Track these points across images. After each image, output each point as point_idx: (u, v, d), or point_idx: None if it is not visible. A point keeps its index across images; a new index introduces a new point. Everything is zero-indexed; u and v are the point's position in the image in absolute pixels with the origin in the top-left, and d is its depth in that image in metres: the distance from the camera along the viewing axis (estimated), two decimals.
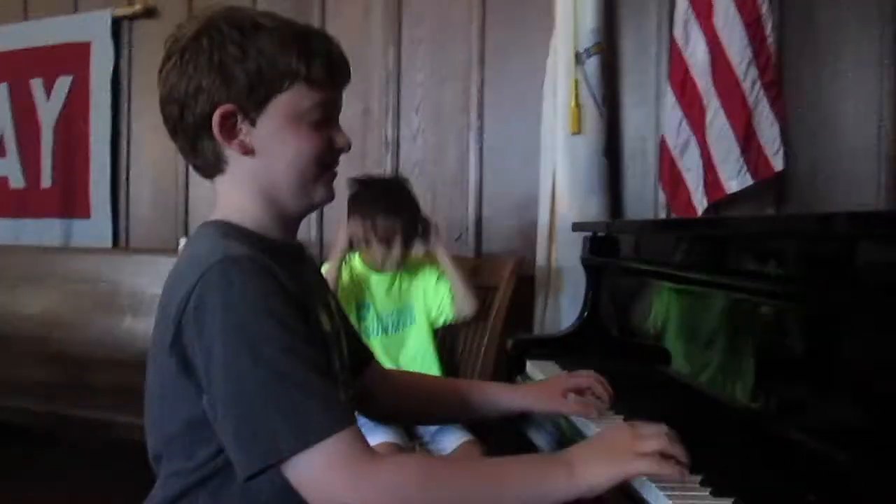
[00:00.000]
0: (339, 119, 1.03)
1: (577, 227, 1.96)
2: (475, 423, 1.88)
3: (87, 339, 2.65)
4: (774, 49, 2.07)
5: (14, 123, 3.28)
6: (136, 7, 3.04)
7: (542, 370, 1.65)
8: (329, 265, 2.00)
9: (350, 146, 1.02)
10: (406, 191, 2.06)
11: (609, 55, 2.34)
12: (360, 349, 1.24)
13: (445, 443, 1.93)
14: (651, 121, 2.36)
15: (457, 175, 2.59)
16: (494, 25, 2.55)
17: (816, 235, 1.06)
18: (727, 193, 2.09)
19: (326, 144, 0.99)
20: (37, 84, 3.22)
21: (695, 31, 2.14)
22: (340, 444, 0.83)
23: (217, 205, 1.01)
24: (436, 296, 2.10)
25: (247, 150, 0.96)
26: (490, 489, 0.88)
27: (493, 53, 2.55)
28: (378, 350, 1.95)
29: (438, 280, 2.10)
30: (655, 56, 2.35)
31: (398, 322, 2.11)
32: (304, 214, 1.05)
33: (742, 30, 2.04)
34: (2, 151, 3.30)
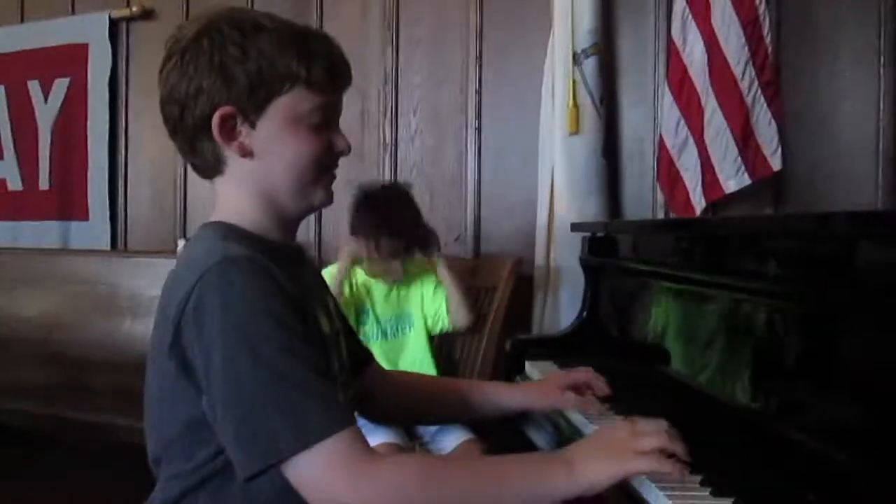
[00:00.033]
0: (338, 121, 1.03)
1: (576, 228, 1.96)
2: (475, 423, 1.88)
3: (87, 342, 2.64)
4: (772, 48, 2.08)
5: (11, 125, 3.28)
6: (134, 9, 3.04)
7: (541, 370, 1.65)
8: (331, 280, 2.00)
9: (350, 149, 1.02)
10: (409, 204, 2.05)
11: (607, 55, 2.34)
12: (360, 350, 1.24)
13: (445, 442, 1.93)
14: (649, 121, 2.36)
15: (455, 176, 2.59)
16: (492, 26, 2.55)
17: (815, 235, 1.06)
18: (725, 193, 2.10)
19: (326, 147, 0.99)
20: (34, 86, 3.22)
21: (692, 31, 2.15)
22: (340, 444, 0.83)
23: (216, 206, 1.01)
24: (432, 304, 2.11)
25: (246, 152, 0.96)
26: (490, 488, 0.88)
27: (492, 54, 2.55)
28: (378, 355, 1.93)
29: (436, 289, 2.11)
30: (653, 56, 2.36)
31: (397, 327, 2.12)
32: (303, 216, 1.05)
33: (739, 29, 2.05)
34: None
